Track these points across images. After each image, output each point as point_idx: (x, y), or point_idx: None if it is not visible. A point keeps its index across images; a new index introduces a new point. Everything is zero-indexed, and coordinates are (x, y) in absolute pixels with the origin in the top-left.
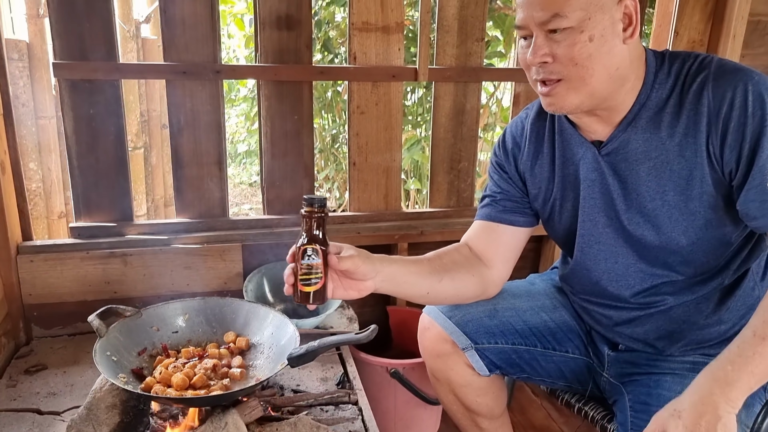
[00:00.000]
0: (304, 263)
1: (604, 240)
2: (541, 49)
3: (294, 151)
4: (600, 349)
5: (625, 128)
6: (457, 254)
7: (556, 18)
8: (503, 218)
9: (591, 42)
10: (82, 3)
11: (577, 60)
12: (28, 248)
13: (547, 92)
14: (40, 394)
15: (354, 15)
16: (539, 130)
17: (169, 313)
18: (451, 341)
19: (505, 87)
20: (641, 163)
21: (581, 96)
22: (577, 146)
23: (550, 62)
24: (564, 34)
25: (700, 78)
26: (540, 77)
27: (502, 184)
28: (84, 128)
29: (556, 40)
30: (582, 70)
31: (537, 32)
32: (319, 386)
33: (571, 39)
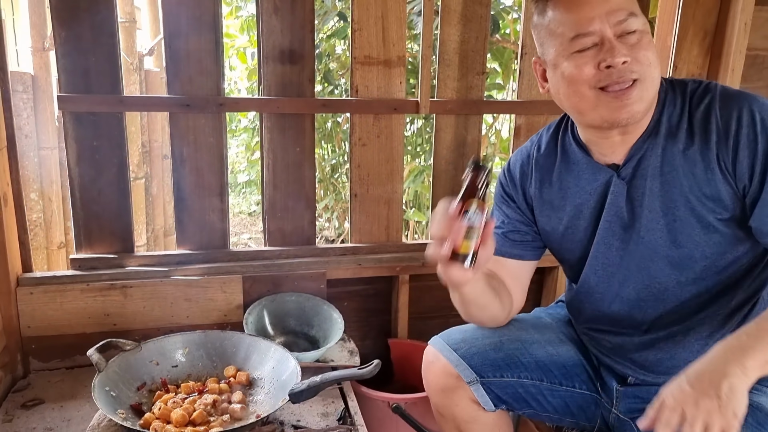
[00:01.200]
0: (466, 219)
1: (618, 262)
2: (620, 49)
3: (296, 183)
4: (608, 384)
5: (641, 146)
6: (498, 280)
7: (631, 17)
8: (511, 253)
9: (652, 44)
10: (89, 38)
11: (651, 60)
12: (28, 280)
13: (624, 93)
14: (37, 429)
15: (356, 49)
16: (548, 159)
17: (169, 346)
18: (456, 375)
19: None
20: (656, 177)
21: (649, 99)
22: (594, 172)
23: (629, 62)
24: (634, 35)
25: (706, 100)
26: (614, 79)
27: (510, 213)
28: (87, 160)
29: (630, 42)
30: (654, 70)
31: (610, 35)
32: (319, 422)
33: (644, 39)
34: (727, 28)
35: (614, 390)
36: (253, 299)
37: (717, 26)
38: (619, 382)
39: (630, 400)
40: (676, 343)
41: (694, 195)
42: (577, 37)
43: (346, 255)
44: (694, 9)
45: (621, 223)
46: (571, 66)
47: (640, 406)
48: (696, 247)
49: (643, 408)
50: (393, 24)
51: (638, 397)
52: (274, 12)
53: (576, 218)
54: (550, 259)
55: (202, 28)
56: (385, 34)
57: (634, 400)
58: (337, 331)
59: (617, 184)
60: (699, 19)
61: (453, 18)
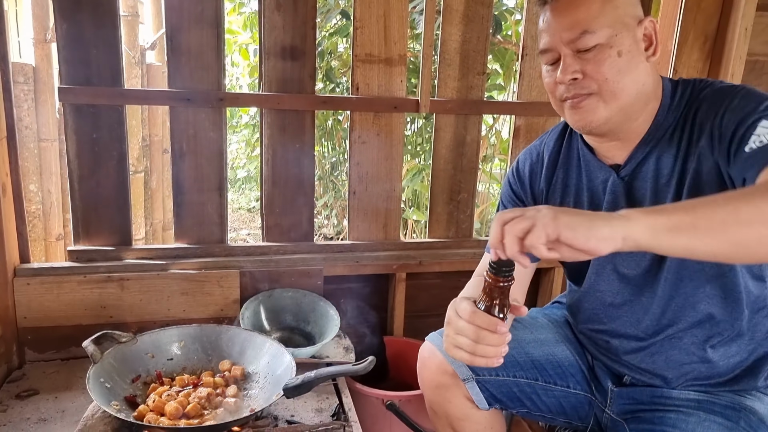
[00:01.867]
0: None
1: (618, 262)
2: (571, 66)
3: (295, 179)
4: (603, 385)
5: (642, 148)
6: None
7: (585, 35)
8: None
9: (620, 57)
10: (91, 30)
11: (608, 74)
12: (26, 271)
13: (576, 105)
14: (31, 420)
15: (358, 47)
16: (556, 158)
17: (165, 339)
18: (452, 372)
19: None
20: (653, 182)
21: (610, 110)
22: (596, 171)
23: (580, 78)
24: (593, 51)
25: (703, 93)
26: (570, 94)
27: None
28: (87, 152)
29: (586, 58)
30: (613, 84)
31: (565, 52)
32: (313, 417)
33: (601, 55)
34: (728, 33)
35: (609, 390)
36: (250, 294)
37: (717, 31)
38: (614, 383)
39: (624, 401)
40: (672, 345)
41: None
42: (542, 53)
43: (343, 252)
44: (695, 14)
45: None
46: (545, 77)
47: (633, 408)
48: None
49: (636, 410)
50: (395, 22)
51: (632, 398)
52: (277, 8)
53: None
54: (547, 260)
55: (204, 22)
56: (387, 33)
57: (628, 401)
58: (333, 328)
59: (615, 183)
60: (700, 24)
61: (455, 17)
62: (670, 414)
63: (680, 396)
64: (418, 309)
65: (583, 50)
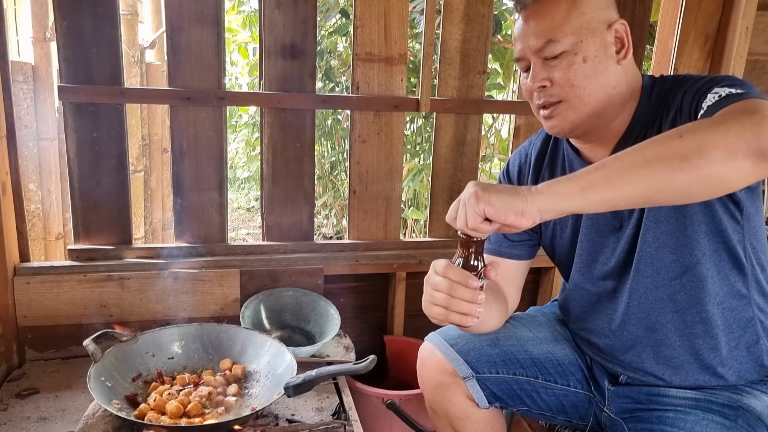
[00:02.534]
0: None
1: (600, 259)
2: (540, 74)
3: (295, 179)
4: (600, 384)
5: (622, 147)
6: (493, 285)
7: (550, 44)
8: (510, 253)
9: (585, 63)
10: (90, 29)
11: (574, 81)
12: (26, 270)
13: (549, 114)
14: (31, 419)
15: (358, 45)
16: (543, 158)
17: (165, 338)
18: (452, 370)
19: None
20: None
21: (580, 115)
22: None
23: (548, 86)
24: (559, 59)
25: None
26: (541, 102)
27: None
28: (87, 151)
29: (552, 65)
30: (580, 90)
31: (534, 60)
32: (314, 416)
33: (566, 62)
34: (729, 33)
35: (606, 390)
36: (250, 293)
37: (718, 30)
38: (611, 382)
39: (621, 400)
40: (659, 342)
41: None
42: (516, 60)
43: (343, 251)
44: (696, 13)
45: (604, 221)
46: (522, 84)
47: (631, 407)
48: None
49: (634, 409)
50: (395, 21)
51: (630, 397)
52: (277, 7)
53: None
54: (546, 260)
55: (204, 21)
56: (387, 31)
57: (625, 400)
58: (333, 327)
59: None
60: (701, 23)
61: (455, 17)
62: (669, 413)
63: (678, 395)
64: (418, 308)
65: (550, 58)
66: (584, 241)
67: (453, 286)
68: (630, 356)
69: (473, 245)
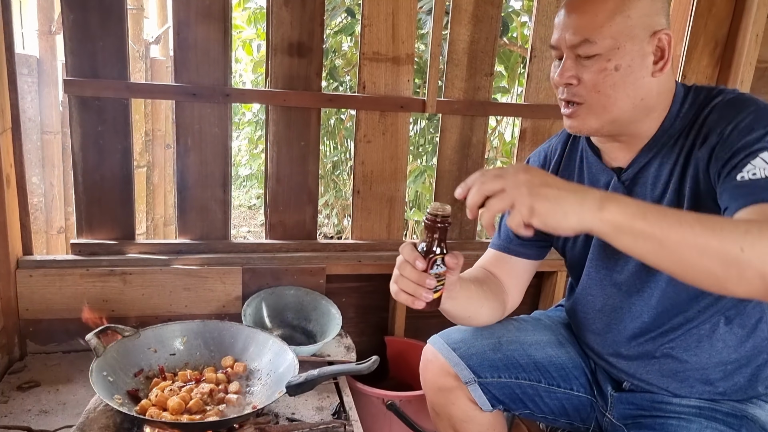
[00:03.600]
0: (434, 272)
1: (611, 266)
2: (569, 71)
3: (299, 177)
4: (604, 389)
5: (646, 153)
6: (492, 282)
7: (586, 43)
8: (516, 251)
9: (617, 71)
10: (97, 22)
11: (600, 88)
12: (28, 263)
13: (569, 114)
14: (32, 412)
15: (365, 45)
16: (564, 157)
17: (168, 334)
18: (454, 374)
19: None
20: (652, 188)
21: (601, 121)
22: (599, 173)
23: (575, 84)
24: (592, 60)
25: (714, 102)
26: (564, 97)
27: None
28: (91, 145)
29: (584, 64)
30: (604, 98)
31: (567, 54)
32: (314, 415)
33: (597, 66)
34: (738, 40)
35: (609, 395)
36: (252, 291)
37: (728, 37)
38: (614, 387)
39: (624, 405)
40: (666, 354)
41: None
42: (551, 48)
43: (346, 251)
44: (706, 19)
45: None
46: (552, 72)
47: (633, 413)
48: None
49: (636, 415)
50: (403, 21)
51: (632, 403)
52: (285, 4)
53: None
54: (549, 264)
55: (211, 17)
56: (395, 31)
57: (628, 406)
58: (334, 327)
59: (616, 187)
60: (710, 29)
61: (464, 18)
62: (672, 420)
63: (681, 402)
64: (420, 310)
65: (583, 57)
66: (596, 246)
67: (402, 265)
68: (635, 366)
69: (437, 231)
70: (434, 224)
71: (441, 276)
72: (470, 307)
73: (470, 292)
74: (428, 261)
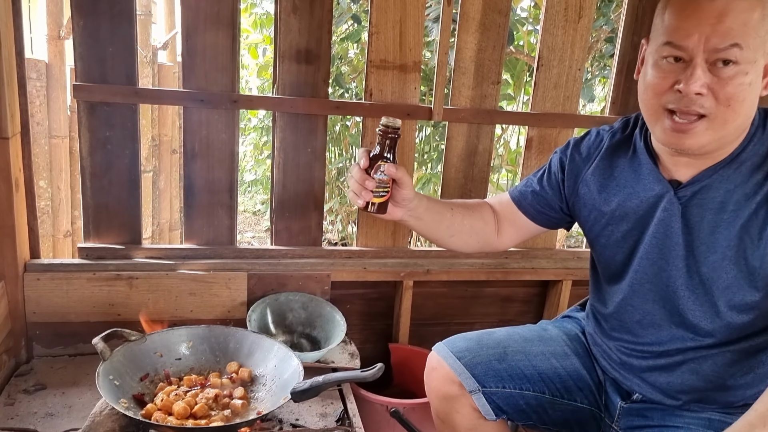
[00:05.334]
0: (377, 177)
1: (657, 282)
2: (701, 79)
3: (305, 183)
4: (612, 399)
5: (710, 175)
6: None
7: (734, 48)
8: (528, 210)
9: (749, 86)
10: (107, 28)
11: (732, 102)
12: (36, 266)
13: (684, 128)
14: (38, 414)
15: (373, 52)
16: (616, 153)
17: (174, 339)
18: (459, 383)
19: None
20: (715, 213)
21: (714, 137)
22: (653, 182)
23: (704, 94)
24: (732, 68)
25: None
26: (683, 107)
27: (546, 184)
28: (99, 150)
29: (721, 75)
30: (730, 112)
31: (700, 60)
32: (318, 422)
33: (737, 78)
34: None
35: (618, 406)
36: (257, 297)
37: None
38: (623, 398)
39: (631, 417)
40: (690, 370)
41: (749, 236)
42: (669, 44)
43: (351, 258)
44: None
45: (669, 243)
46: (653, 72)
47: (641, 424)
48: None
49: (642, 426)
50: (411, 29)
51: (640, 415)
52: (293, 11)
53: (620, 219)
54: (555, 272)
55: (220, 23)
56: (402, 39)
57: (635, 418)
58: (339, 333)
59: (672, 202)
60: None
61: (471, 26)
62: (679, 431)
63: (691, 415)
64: (424, 317)
65: (722, 63)
66: (644, 259)
67: (352, 165)
68: (654, 377)
69: (387, 140)
70: (384, 134)
71: (385, 183)
72: (438, 231)
73: (441, 217)
74: (373, 164)
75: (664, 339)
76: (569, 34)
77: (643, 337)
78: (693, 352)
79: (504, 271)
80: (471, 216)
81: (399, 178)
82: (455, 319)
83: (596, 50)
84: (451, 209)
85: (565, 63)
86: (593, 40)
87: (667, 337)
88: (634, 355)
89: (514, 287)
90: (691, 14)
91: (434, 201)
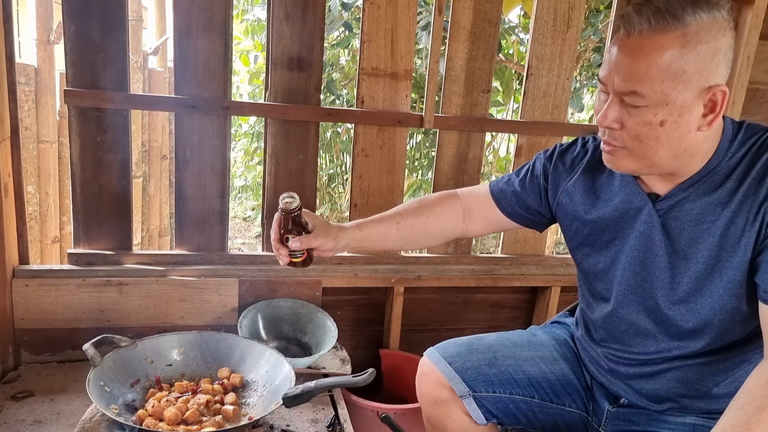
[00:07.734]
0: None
1: (640, 293)
2: (612, 115)
3: (297, 190)
4: (600, 404)
5: (686, 188)
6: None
7: (633, 95)
8: (506, 208)
9: (661, 126)
10: (98, 33)
11: (643, 139)
12: (25, 272)
13: (608, 151)
14: (26, 422)
15: (364, 60)
16: (599, 165)
17: (165, 345)
18: (450, 388)
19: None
20: (693, 225)
21: (640, 165)
22: (633, 195)
23: (617, 128)
24: (638, 110)
25: None
26: (605, 138)
27: (528, 187)
28: (90, 156)
29: (629, 112)
30: (645, 147)
31: (613, 97)
32: (309, 427)
33: (642, 118)
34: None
35: (605, 411)
36: (248, 303)
37: None
38: (611, 403)
39: (618, 422)
40: (675, 378)
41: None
42: (599, 81)
43: (342, 264)
44: None
45: (649, 254)
46: (596, 103)
47: (626, 428)
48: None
49: (630, 430)
50: (402, 37)
51: (627, 419)
52: (285, 18)
53: (601, 230)
54: (544, 279)
55: (212, 30)
56: (394, 47)
57: (622, 422)
58: (330, 339)
59: (651, 214)
60: None
61: (462, 35)
62: None
63: (676, 420)
64: (415, 323)
65: (629, 104)
66: (626, 271)
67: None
68: (640, 384)
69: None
70: (286, 214)
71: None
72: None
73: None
74: (283, 237)
75: (650, 348)
76: (558, 44)
77: (630, 347)
78: (678, 360)
79: (494, 278)
80: (426, 218)
81: (307, 247)
82: (446, 325)
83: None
84: (397, 224)
85: (554, 72)
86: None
87: (653, 347)
88: (621, 362)
89: (503, 293)
90: (612, 57)
91: (374, 225)
